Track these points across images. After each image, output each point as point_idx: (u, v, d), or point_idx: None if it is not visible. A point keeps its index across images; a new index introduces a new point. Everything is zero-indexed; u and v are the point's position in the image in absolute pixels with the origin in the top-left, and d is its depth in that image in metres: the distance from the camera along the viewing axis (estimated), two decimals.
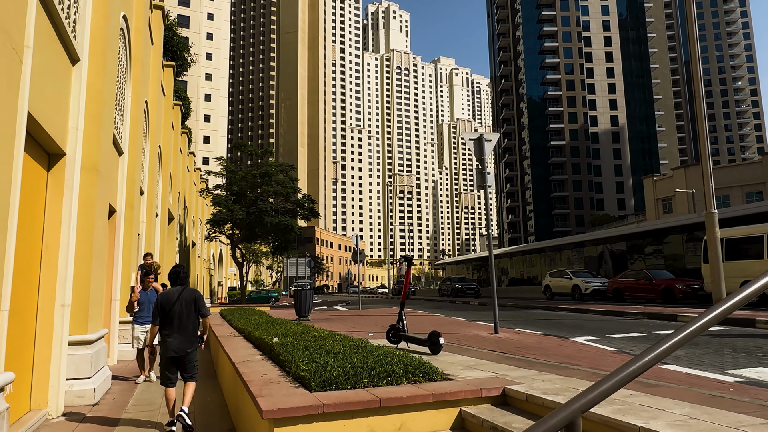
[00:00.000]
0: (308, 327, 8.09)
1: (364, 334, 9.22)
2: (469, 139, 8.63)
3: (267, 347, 6.06)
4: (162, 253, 19.81)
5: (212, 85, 79.71)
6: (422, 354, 5.94)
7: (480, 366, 4.93)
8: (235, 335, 8.63)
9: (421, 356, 5.10)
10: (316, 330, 7.51)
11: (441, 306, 22.67)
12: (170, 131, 21.22)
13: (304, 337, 6.29)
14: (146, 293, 8.48)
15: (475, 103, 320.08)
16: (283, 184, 27.98)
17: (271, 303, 39.39)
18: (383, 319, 13.35)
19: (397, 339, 6.90)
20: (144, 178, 14.98)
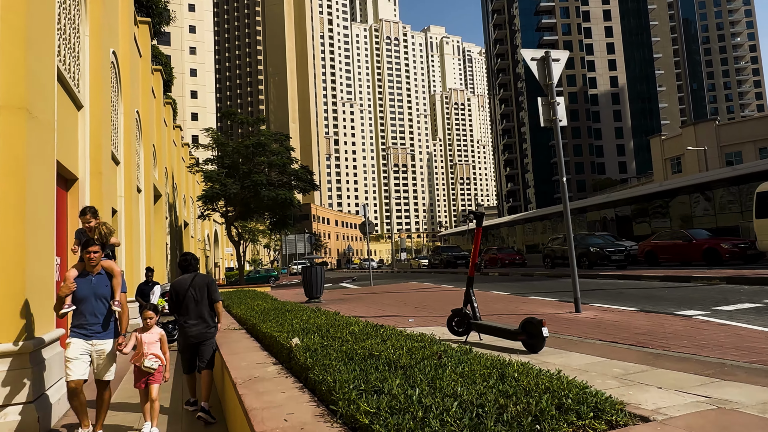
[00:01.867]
0: (331, 315, 6.17)
1: (398, 321, 7.34)
2: (531, 59, 6.63)
3: (283, 351, 4.14)
4: (149, 233, 17.81)
5: (197, 60, 76.38)
6: (508, 351, 4.04)
7: (644, 377, 3.01)
8: (236, 328, 6.70)
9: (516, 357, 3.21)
10: (343, 318, 5.58)
11: (453, 278, 20.86)
12: (150, 98, 18.96)
13: (334, 333, 4.36)
14: (88, 281, 4.39)
15: (467, 72, 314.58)
16: (278, 154, 25.78)
17: (271, 282, 37.62)
18: (408, 297, 11.49)
19: (465, 329, 5.00)
20: (119, 145, 12.85)
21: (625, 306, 7.43)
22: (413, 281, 19.18)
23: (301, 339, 4.09)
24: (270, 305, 8.39)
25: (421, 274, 29.43)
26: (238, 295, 13.26)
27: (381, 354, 3.21)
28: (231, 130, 69.14)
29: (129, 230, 13.39)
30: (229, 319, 8.18)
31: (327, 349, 3.55)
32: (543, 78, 6.34)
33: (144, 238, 17.28)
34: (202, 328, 5.18)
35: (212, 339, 5.23)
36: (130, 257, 13.39)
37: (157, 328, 4.66)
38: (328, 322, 5.21)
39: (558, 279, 16.21)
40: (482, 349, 4.28)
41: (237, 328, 6.67)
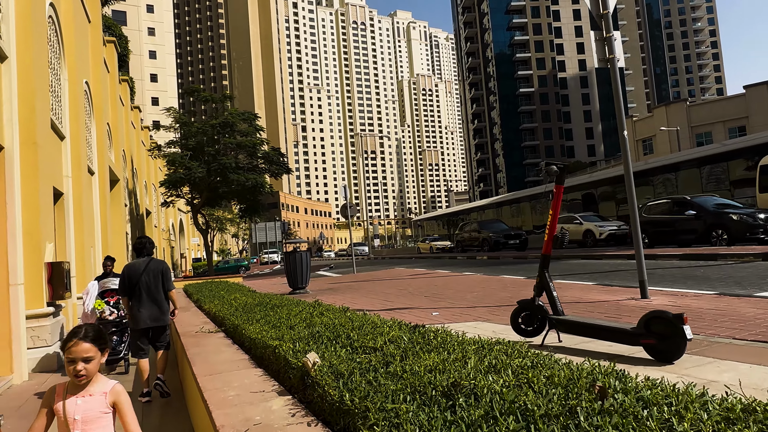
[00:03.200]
0: (337, 310, 4.79)
1: (418, 315, 6.01)
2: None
3: (289, 370, 2.75)
4: (105, 220, 15.92)
5: (157, 41, 72.58)
6: (620, 360, 2.75)
7: None
8: (211, 330, 5.24)
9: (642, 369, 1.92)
10: (358, 316, 4.21)
11: (444, 263, 19.70)
12: (102, 70, 16.91)
13: (362, 341, 2.97)
14: None
15: (434, 58, 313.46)
16: (247, 134, 23.88)
17: (242, 273, 35.81)
18: (408, 284, 10.18)
19: (537, 326, 3.70)
20: (62, 116, 11.01)
21: (694, 289, 6.22)
22: (399, 267, 17.89)
23: (319, 352, 2.70)
24: (251, 299, 6.92)
25: (402, 260, 28.23)
26: (208, 287, 11.66)
27: (479, 387, 1.84)
28: (194, 108, 65.76)
29: (79, 215, 11.60)
30: (200, 317, 6.68)
31: (370, 375, 2.17)
32: (596, 7, 5.10)
33: (99, 226, 15.40)
34: (156, 314, 5.31)
35: (166, 324, 5.46)
36: (81, 246, 11.61)
37: (104, 382, 2.23)
38: (340, 322, 3.82)
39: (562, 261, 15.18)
40: (575, 357, 2.98)
41: (213, 330, 5.20)
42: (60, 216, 10.98)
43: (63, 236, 10.95)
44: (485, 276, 10.27)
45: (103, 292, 7.10)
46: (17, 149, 6.96)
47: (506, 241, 24.29)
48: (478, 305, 6.18)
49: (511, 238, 24.21)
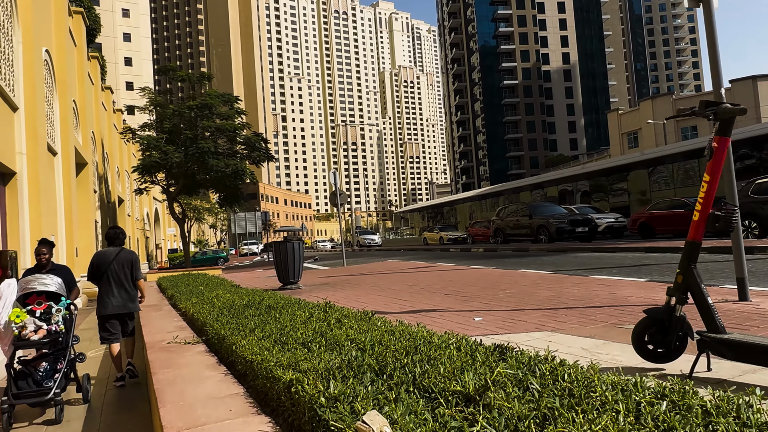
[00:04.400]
0: (360, 317, 3.64)
1: (452, 320, 4.89)
2: None
3: (318, 427, 1.58)
4: (69, 205, 14.43)
5: (131, 23, 69.69)
6: None
7: None
8: (190, 341, 4.01)
9: None
10: (392, 327, 3.07)
11: (438, 256, 18.63)
12: (67, 40, 15.32)
13: (434, 378, 1.82)
14: None
15: (416, 50, 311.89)
16: (227, 117, 22.32)
17: (220, 264, 34.30)
18: (414, 278, 9.04)
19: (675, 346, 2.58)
20: (12, 82, 9.54)
21: None
22: (393, 260, 16.75)
23: (372, 398, 1.54)
24: (238, 297, 5.72)
25: (389, 252, 27.11)
26: (185, 281, 10.37)
27: None
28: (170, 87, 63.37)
29: (35, 198, 10.16)
30: (174, 319, 5.44)
31: None
32: None
33: (63, 212, 13.92)
34: (124, 301, 5.46)
35: (134, 313, 5.59)
36: (38, 233, 10.18)
37: None
38: (376, 337, 2.66)
39: (565, 253, 14.25)
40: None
41: (191, 340, 3.99)
42: (12, 198, 9.56)
43: (15, 221, 9.54)
44: (503, 271, 9.16)
45: (26, 295, 4.56)
46: None
47: (572, 228, 18.75)
48: (525, 307, 5.09)
49: (578, 224, 18.84)
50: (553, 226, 19.27)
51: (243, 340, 3.01)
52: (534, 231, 20.20)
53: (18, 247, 9.45)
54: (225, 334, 3.35)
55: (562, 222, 19.20)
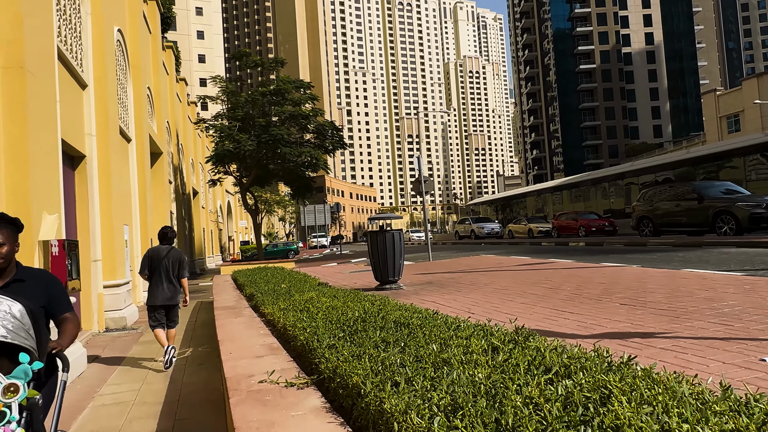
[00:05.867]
0: (588, 358, 2.02)
1: (693, 356, 3.26)
2: None
3: None
4: (144, 195, 13.83)
5: (204, 21, 71.50)
6: None
7: None
8: (292, 383, 2.57)
9: None
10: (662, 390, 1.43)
11: (536, 250, 16.70)
12: (141, 22, 14.74)
13: None
14: None
15: (481, 40, 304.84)
16: (299, 103, 21.33)
17: (291, 257, 33.89)
18: (539, 277, 7.37)
19: None
20: (80, 56, 8.71)
21: None
22: (485, 254, 15.03)
23: None
24: (338, 302, 4.34)
25: (468, 246, 25.32)
26: (263, 276, 9.24)
27: None
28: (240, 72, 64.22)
29: (106, 185, 9.36)
30: (260, 333, 4.11)
31: None
32: None
33: (138, 202, 13.33)
34: (170, 294, 6.06)
35: (177, 304, 6.19)
36: (109, 222, 9.39)
37: None
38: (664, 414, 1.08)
39: (704, 248, 11.99)
40: None
41: (295, 380, 2.55)
42: (81, 183, 8.77)
43: (85, 209, 8.75)
44: (666, 271, 7.23)
45: None
46: None
47: None
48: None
49: None
50: (743, 211, 13.90)
51: (413, 416, 1.54)
52: (709, 219, 15.16)
53: (87, 236, 8.67)
54: (366, 388, 1.90)
55: (758, 206, 13.88)
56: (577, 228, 24.03)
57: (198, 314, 10.55)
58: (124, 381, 5.56)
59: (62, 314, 2.46)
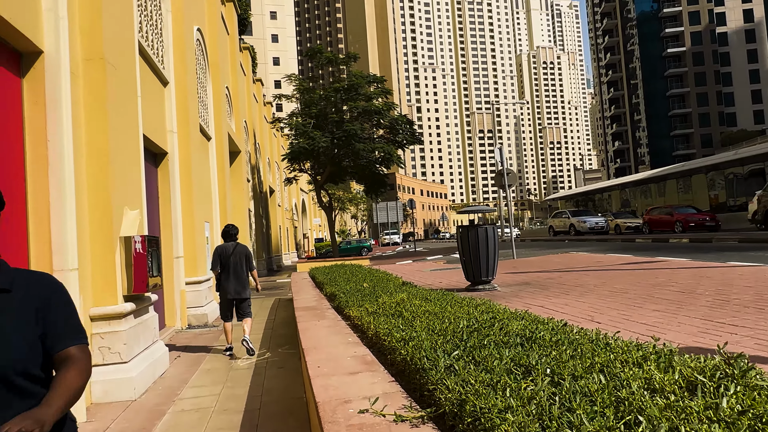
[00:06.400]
0: None
1: None
2: None
3: None
4: (224, 193, 13.97)
5: (278, 24, 73.53)
6: None
7: None
8: (401, 415, 2.02)
9: None
10: None
11: (629, 247, 15.32)
12: (219, 22, 14.93)
13: None
14: None
15: (555, 28, 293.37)
16: (371, 98, 21.01)
17: (364, 254, 33.82)
18: (655, 277, 6.46)
19: None
20: (162, 53, 8.72)
21: None
22: (569, 251, 13.94)
23: None
24: (435, 307, 3.78)
25: (549, 244, 23.95)
26: (342, 273, 8.87)
27: None
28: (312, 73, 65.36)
29: (187, 181, 9.38)
30: (348, 341, 3.62)
31: None
32: None
33: (217, 200, 13.48)
34: (239, 288, 6.43)
35: (247, 297, 6.53)
36: (190, 219, 9.40)
37: None
38: None
39: None
40: None
41: (407, 413, 2.01)
42: (164, 181, 8.80)
43: (168, 206, 8.77)
44: None
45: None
46: (65, 54, 4.42)
47: None
48: None
49: None
50: None
51: None
52: None
53: (170, 233, 8.69)
54: None
55: None
56: (672, 223, 22.05)
57: (276, 312, 10.40)
58: (205, 383, 5.32)
59: (63, 348, 1.38)
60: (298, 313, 5.10)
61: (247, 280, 6.52)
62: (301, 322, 4.50)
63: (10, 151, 4.02)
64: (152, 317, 5.90)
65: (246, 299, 6.53)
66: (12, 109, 4.09)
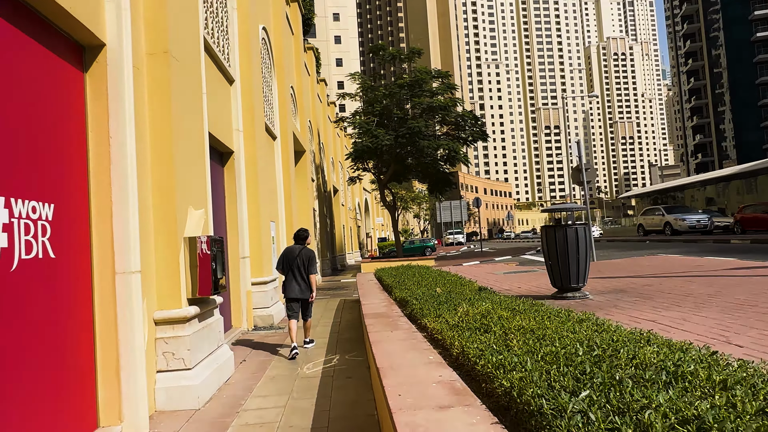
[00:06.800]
0: None
1: None
2: None
3: None
4: (289, 193, 13.92)
5: (341, 26, 74.29)
6: None
7: None
8: None
9: None
10: None
11: (727, 249, 13.88)
12: (284, 22, 14.91)
13: None
14: None
15: (627, 17, 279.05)
16: (436, 94, 20.40)
17: (428, 253, 33.25)
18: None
19: None
20: (227, 51, 8.62)
21: None
22: (658, 253, 12.76)
23: None
24: (533, 320, 3.20)
25: (627, 244, 22.38)
26: (410, 276, 8.42)
27: None
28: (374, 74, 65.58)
29: (253, 180, 9.26)
30: (426, 353, 3.16)
31: None
32: None
33: (283, 200, 13.43)
34: (302, 290, 6.68)
35: (307, 299, 6.72)
36: (256, 219, 9.28)
37: None
38: None
39: None
40: None
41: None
42: (230, 180, 8.71)
43: (234, 206, 8.67)
44: None
45: None
46: (127, 47, 4.23)
47: None
48: None
49: None
50: None
51: None
52: None
53: (236, 233, 8.58)
54: None
55: None
56: None
57: (342, 314, 10.11)
58: (270, 393, 5.02)
59: None
60: (367, 321, 4.69)
61: (308, 283, 6.71)
62: (372, 332, 4.07)
63: (75, 149, 3.86)
64: (217, 320, 5.70)
65: (306, 300, 6.73)
66: (75, 105, 3.94)
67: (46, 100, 3.54)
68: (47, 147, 3.51)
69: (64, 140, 3.73)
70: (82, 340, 3.76)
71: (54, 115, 3.63)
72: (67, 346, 3.57)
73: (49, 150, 3.53)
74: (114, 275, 3.99)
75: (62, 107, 3.75)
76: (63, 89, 3.77)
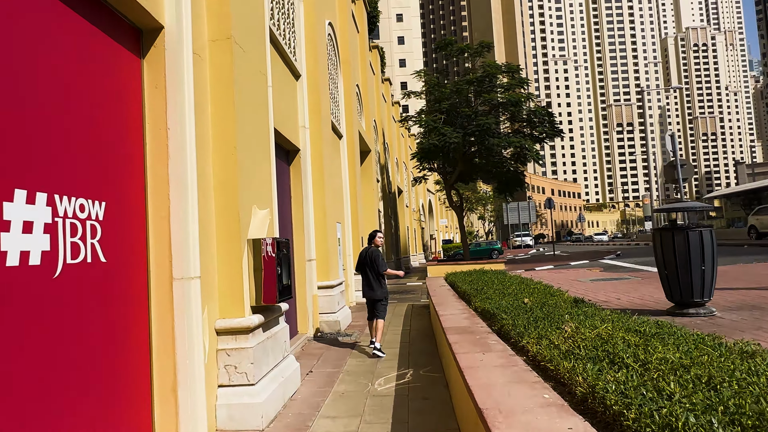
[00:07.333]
0: None
1: None
2: None
3: None
4: (355, 193, 13.54)
5: (404, 26, 73.93)
6: None
7: None
8: None
9: None
10: None
11: None
12: (350, 22, 14.59)
13: None
14: None
15: (709, 6, 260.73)
16: (507, 89, 19.35)
17: (494, 256, 32.08)
18: None
19: None
20: (294, 45, 8.27)
21: None
22: (756, 258, 11.27)
23: None
24: (677, 352, 2.43)
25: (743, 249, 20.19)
26: (488, 282, 7.69)
27: None
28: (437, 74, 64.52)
29: (319, 180, 8.87)
30: (536, 387, 2.50)
31: None
32: None
33: (349, 200, 13.05)
34: (372, 289, 6.89)
35: (381, 300, 6.85)
36: (322, 219, 8.88)
37: None
38: None
39: None
40: None
41: None
42: (296, 179, 8.35)
43: (300, 206, 8.31)
44: None
45: None
46: (187, 31, 3.85)
47: None
48: None
49: None
50: None
51: None
52: None
53: (302, 235, 8.21)
54: None
55: None
56: None
57: (411, 321, 9.52)
58: (339, 414, 4.50)
59: None
60: (450, 338, 4.06)
61: (378, 282, 6.87)
62: (460, 353, 3.44)
63: (130, 141, 3.51)
64: (283, 329, 5.26)
65: (377, 300, 6.84)
66: (133, 93, 3.59)
67: (99, 87, 3.19)
68: (99, 138, 3.16)
69: (118, 131, 3.38)
70: (136, 354, 3.40)
71: (108, 104, 3.28)
72: (119, 361, 3.20)
73: (101, 141, 3.18)
74: (171, 281, 3.60)
75: (118, 95, 3.40)
76: (119, 75, 3.42)
